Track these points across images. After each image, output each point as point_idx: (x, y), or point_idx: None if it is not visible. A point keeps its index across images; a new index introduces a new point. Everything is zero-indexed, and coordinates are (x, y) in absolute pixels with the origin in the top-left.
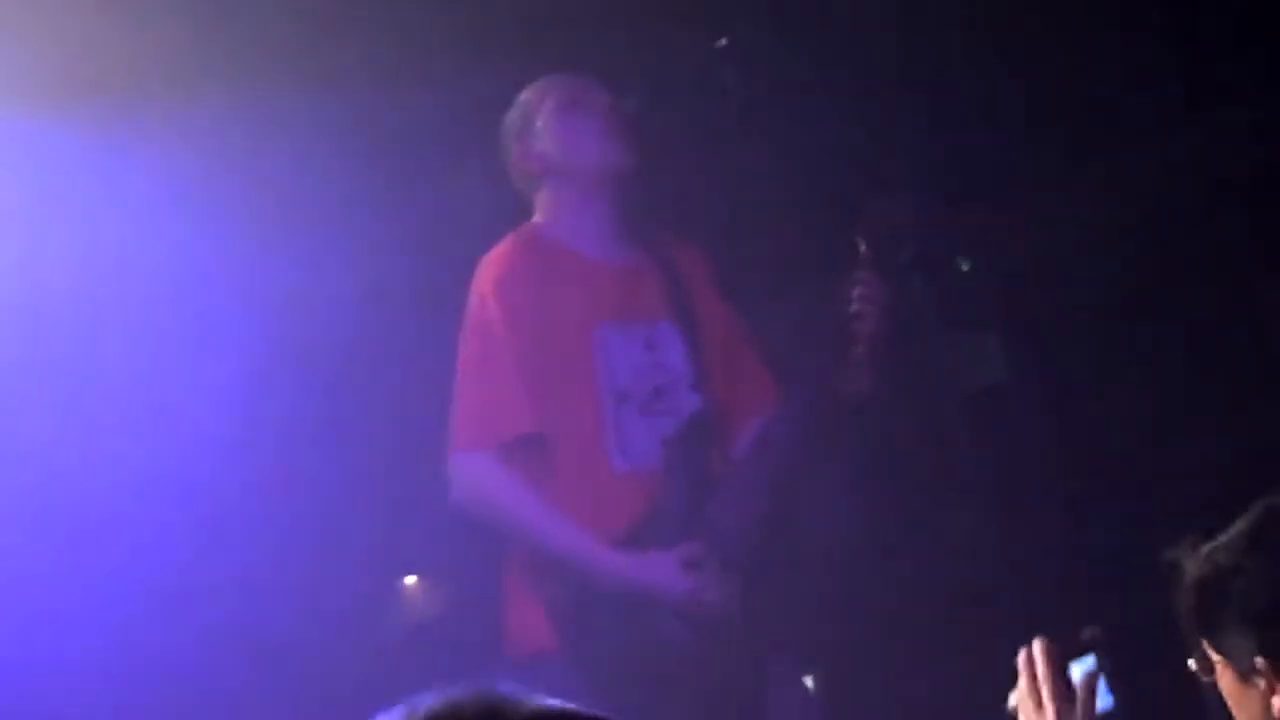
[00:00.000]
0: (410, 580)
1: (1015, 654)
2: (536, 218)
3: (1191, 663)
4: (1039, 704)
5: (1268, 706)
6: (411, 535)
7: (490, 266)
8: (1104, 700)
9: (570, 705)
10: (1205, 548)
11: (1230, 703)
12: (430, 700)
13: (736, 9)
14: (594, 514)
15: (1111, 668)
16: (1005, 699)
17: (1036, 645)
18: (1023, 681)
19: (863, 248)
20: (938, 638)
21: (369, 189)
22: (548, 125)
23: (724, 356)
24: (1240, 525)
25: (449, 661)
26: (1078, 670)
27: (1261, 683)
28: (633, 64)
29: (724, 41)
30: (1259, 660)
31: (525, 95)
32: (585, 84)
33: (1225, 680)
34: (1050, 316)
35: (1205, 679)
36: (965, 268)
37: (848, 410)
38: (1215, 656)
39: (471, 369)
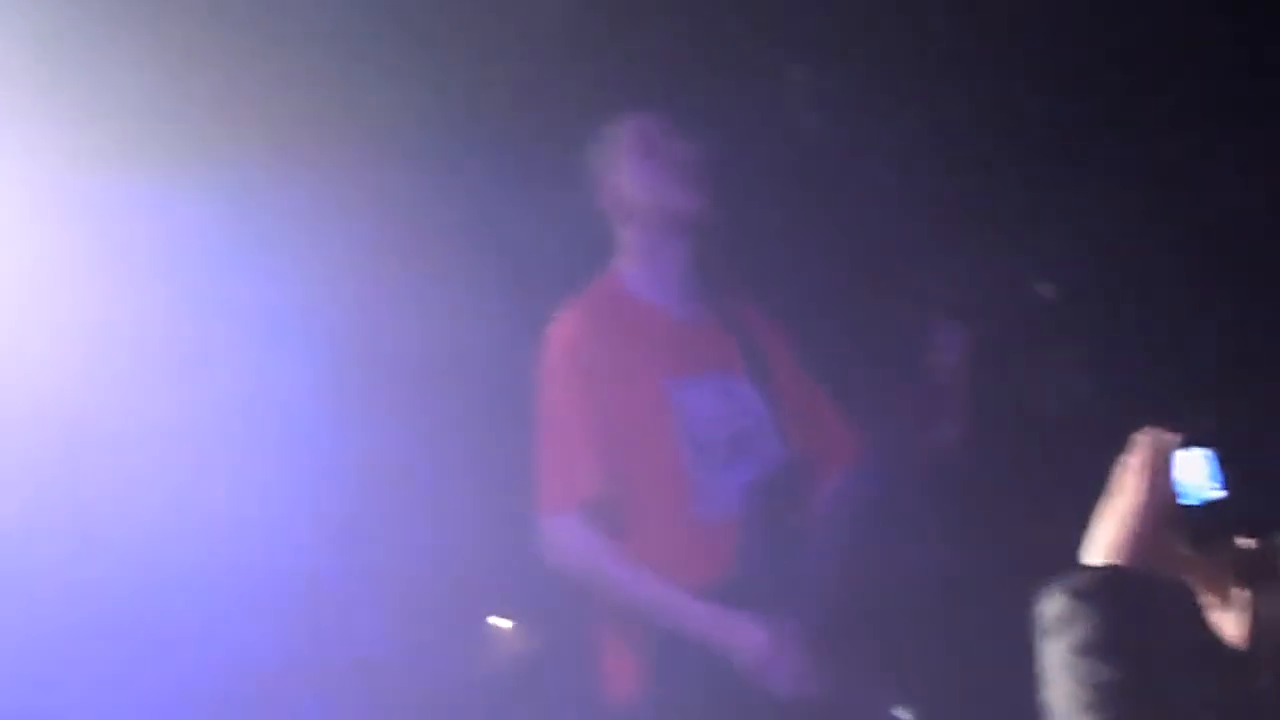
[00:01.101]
0: (501, 621)
1: None
2: (617, 260)
3: None
4: (1122, 489)
5: None
6: (510, 575)
7: (563, 326)
8: (1214, 492)
9: None
10: None
11: None
12: None
13: (810, 48)
14: (679, 562)
15: (1224, 459)
16: None
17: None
18: (1122, 467)
19: (944, 295)
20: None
21: (452, 228)
22: (624, 165)
23: (799, 409)
24: None
25: (547, 702)
26: (1187, 459)
27: None
28: (707, 103)
29: (798, 78)
30: None
31: (605, 134)
32: (661, 125)
33: None
34: (1131, 337)
35: None
36: (1046, 294)
37: (932, 459)
38: None
39: (546, 430)
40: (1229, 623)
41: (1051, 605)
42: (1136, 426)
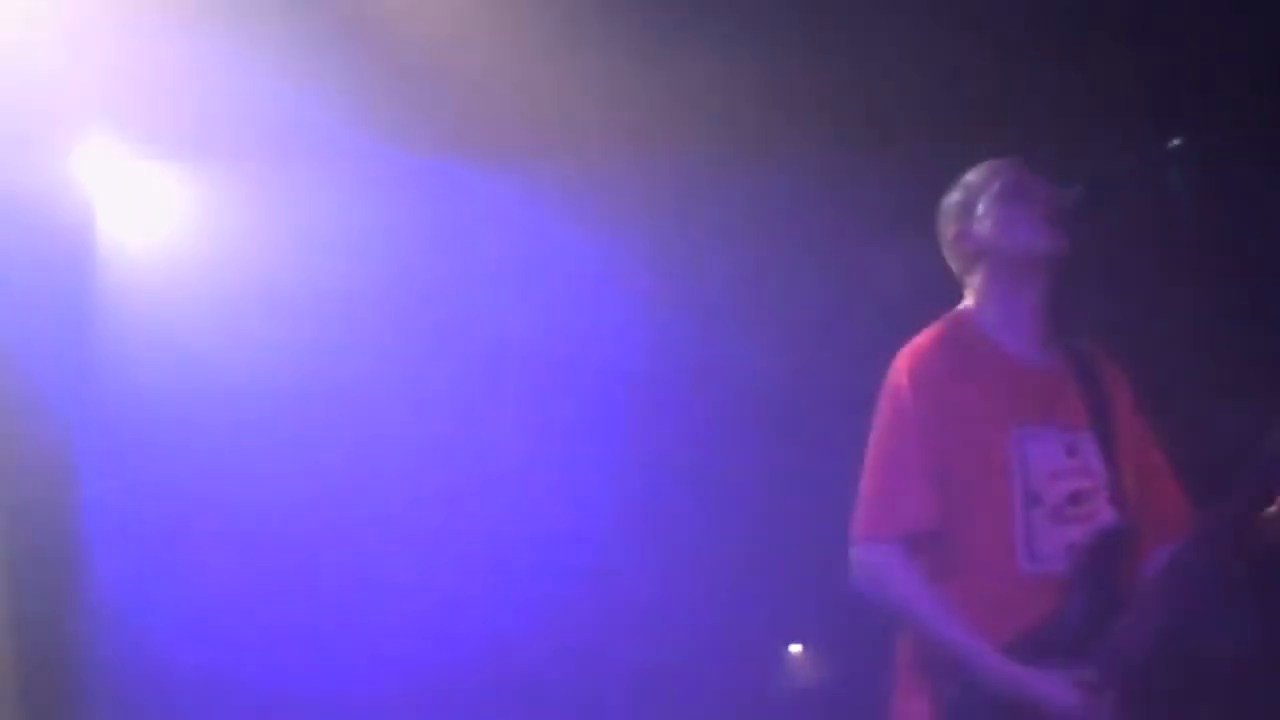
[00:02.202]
0: (796, 648)
1: None
2: (966, 302)
3: None
4: None
5: None
6: (810, 603)
7: (910, 356)
8: None
9: None
10: None
11: None
12: None
13: (1192, 111)
14: (996, 612)
15: None
16: None
17: None
18: None
19: None
20: None
21: (789, 268)
22: (990, 209)
23: (1138, 472)
24: None
25: None
26: None
27: None
28: (1078, 156)
29: (1176, 143)
30: None
31: (970, 177)
32: (1029, 173)
33: None
34: None
35: None
36: None
37: (1265, 546)
38: None
39: (879, 458)
40: None
41: None
42: None
